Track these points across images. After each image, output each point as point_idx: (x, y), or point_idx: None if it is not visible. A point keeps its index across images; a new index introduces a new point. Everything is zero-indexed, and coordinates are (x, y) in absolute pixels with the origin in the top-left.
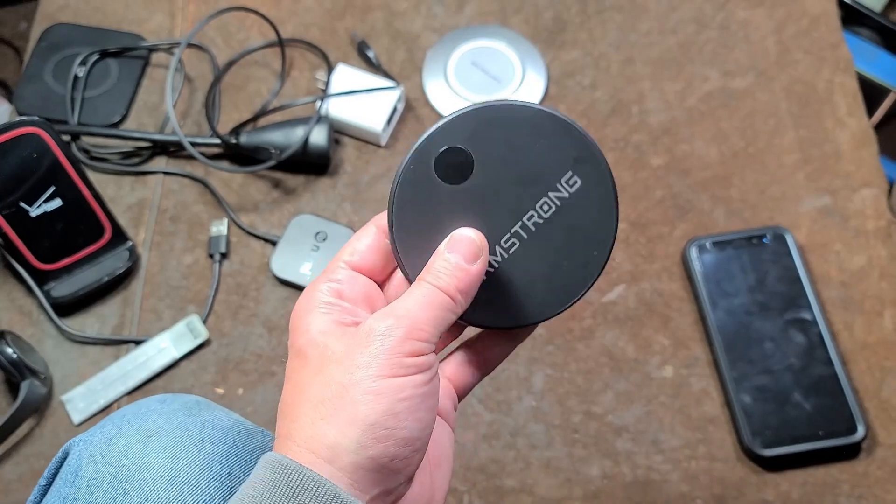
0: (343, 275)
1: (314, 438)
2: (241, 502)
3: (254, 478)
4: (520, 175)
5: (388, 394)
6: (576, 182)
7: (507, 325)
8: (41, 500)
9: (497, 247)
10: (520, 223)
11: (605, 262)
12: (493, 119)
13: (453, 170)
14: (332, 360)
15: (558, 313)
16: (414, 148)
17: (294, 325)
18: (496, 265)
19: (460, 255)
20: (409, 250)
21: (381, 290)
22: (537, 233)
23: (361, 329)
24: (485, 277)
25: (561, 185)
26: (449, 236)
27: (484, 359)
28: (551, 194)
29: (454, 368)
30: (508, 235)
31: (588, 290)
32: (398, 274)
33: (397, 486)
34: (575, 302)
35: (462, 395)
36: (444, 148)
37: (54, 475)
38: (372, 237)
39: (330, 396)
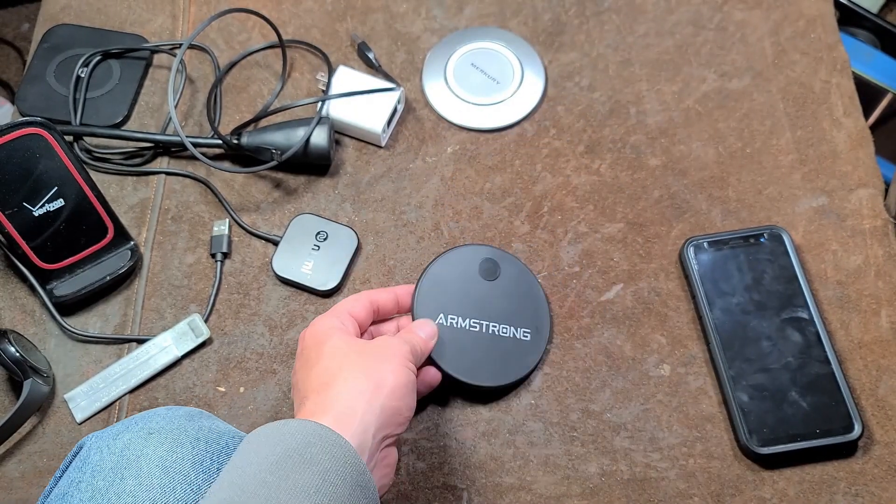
0: (345, 316)
1: (345, 413)
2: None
3: (294, 430)
4: (508, 303)
5: (399, 384)
6: (525, 338)
7: (448, 372)
8: (55, 486)
9: (467, 318)
10: (485, 322)
11: (485, 389)
12: (513, 261)
13: (484, 273)
14: (362, 353)
15: (463, 384)
16: (460, 247)
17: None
18: (456, 327)
19: (421, 329)
20: (423, 305)
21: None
22: (488, 335)
23: (381, 342)
24: (447, 329)
25: (519, 330)
26: (417, 322)
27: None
28: (510, 328)
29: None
30: (475, 321)
31: (470, 387)
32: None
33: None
34: (469, 388)
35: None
36: (489, 258)
37: (69, 465)
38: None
39: (366, 388)
